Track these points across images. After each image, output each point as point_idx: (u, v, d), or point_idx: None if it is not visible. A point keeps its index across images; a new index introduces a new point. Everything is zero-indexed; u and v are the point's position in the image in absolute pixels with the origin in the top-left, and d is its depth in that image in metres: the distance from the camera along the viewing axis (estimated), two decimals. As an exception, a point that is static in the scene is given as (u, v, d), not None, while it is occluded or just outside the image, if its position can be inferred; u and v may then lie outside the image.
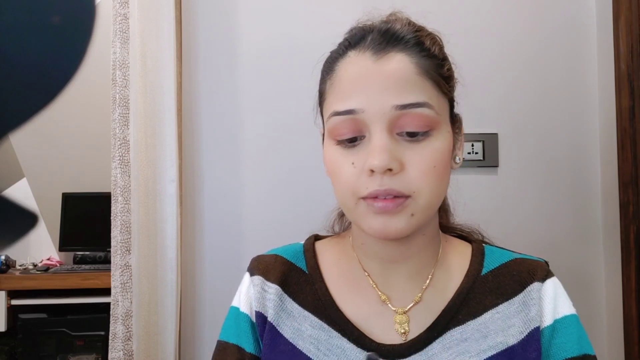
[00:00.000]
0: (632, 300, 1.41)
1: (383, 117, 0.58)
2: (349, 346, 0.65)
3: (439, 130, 0.61)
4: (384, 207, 0.59)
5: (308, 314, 0.69)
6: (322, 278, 0.71)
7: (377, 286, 0.68)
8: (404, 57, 0.60)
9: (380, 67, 0.60)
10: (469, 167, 1.51)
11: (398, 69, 0.59)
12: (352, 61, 0.62)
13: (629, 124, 1.43)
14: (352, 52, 0.63)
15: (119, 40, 1.42)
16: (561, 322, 0.66)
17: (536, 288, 0.67)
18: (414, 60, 0.60)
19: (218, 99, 1.52)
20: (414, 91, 0.59)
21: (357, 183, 0.60)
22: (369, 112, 0.59)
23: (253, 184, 1.51)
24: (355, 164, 0.60)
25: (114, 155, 1.42)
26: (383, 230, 0.60)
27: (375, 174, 0.58)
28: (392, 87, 0.59)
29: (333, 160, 0.63)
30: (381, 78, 0.59)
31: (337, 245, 0.75)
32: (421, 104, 0.59)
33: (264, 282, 0.72)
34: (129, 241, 1.40)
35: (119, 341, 1.39)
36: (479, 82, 1.51)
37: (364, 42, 0.62)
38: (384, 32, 0.62)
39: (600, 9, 1.53)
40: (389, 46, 0.61)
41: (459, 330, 0.65)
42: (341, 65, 0.63)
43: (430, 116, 0.59)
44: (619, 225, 1.46)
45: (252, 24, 1.53)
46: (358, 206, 0.61)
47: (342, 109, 0.60)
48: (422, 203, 0.60)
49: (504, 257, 0.71)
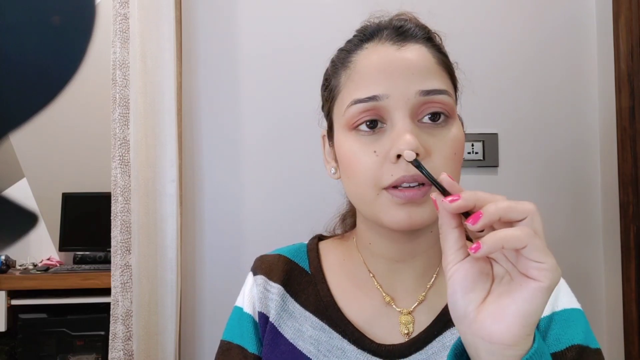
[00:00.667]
0: (632, 300, 1.41)
1: (407, 103, 0.58)
2: (349, 347, 0.65)
3: (454, 119, 0.62)
4: (411, 196, 0.57)
5: (309, 314, 0.68)
6: (325, 279, 0.71)
7: (382, 287, 0.68)
8: (422, 47, 0.62)
9: (401, 54, 0.60)
10: (469, 167, 1.51)
11: (419, 57, 0.61)
12: (372, 51, 0.62)
13: (629, 124, 1.43)
14: (369, 44, 0.63)
15: (119, 40, 1.42)
16: (560, 314, 0.65)
17: None
18: (431, 51, 0.62)
19: (218, 99, 1.52)
20: (435, 78, 0.60)
21: (380, 172, 0.58)
22: (393, 98, 0.58)
23: (253, 183, 1.51)
24: (377, 152, 0.59)
25: (114, 155, 1.42)
26: (408, 220, 0.58)
27: (400, 160, 0.57)
28: (416, 73, 0.59)
29: (351, 150, 0.61)
30: (404, 63, 0.60)
31: (341, 246, 0.74)
32: (443, 91, 0.60)
33: (266, 282, 0.71)
34: (129, 241, 1.40)
35: (119, 341, 1.39)
36: (479, 82, 1.51)
37: (381, 35, 0.63)
38: (398, 27, 0.64)
39: (600, 9, 1.53)
40: (405, 38, 0.62)
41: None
42: (359, 57, 0.63)
43: (450, 104, 0.60)
44: (619, 225, 1.46)
45: (252, 23, 1.53)
46: (379, 197, 0.59)
47: (364, 96, 0.59)
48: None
49: None
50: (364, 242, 0.70)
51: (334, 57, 0.68)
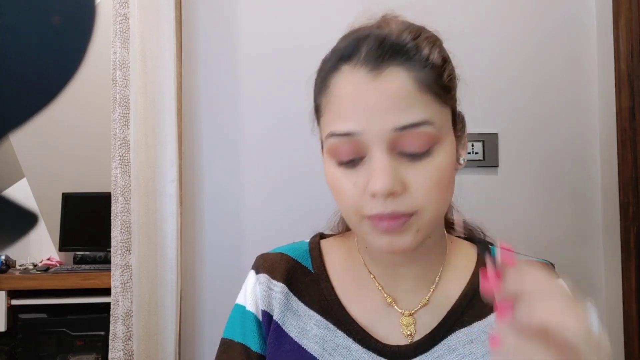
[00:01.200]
0: (632, 300, 1.41)
1: (383, 138, 0.56)
2: (354, 346, 0.65)
3: (441, 144, 0.58)
4: (389, 226, 0.57)
5: (313, 313, 0.68)
6: (328, 278, 0.70)
7: (383, 288, 0.68)
8: (401, 71, 0.57)
9: (377, 85, 0.56)
10: (469, 167, 1.51)
11: (397, 87, 0.56)
12: (347, 78, 0.59)
13: (629, 124, 1.43)
14: (345, 66, 0.59)
15: (119, 40, 1.42)
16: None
17: None
18: (412, 75, 0.57)
19: (218, 99, 1.52)
20: (414, 110, 0.56)
21: (360, 202, 0.58)
22: (368, 134, 0.56)
23: (253, 183, 1.51)
24: (356, 183, 0.58)
25: (114, 155, 1.42)
26: (389, 247, 0.59)
27: (377, 197, 0.56)
28: (391, 107, 0.56)
29: (334, 179, 0.61)
30: (379, 97, 0.56)
31: (343, 245, 0.74)
32: (422, 123, 0.56)
33: (269, 280, 0.71)
34: (129, 241, 1.40)
35: (119, 341, 1.39)
36: (479, 82, 1.51)
37: (359, 56, 0.58)
38: (380, 42, 0.58)
39: (600, 9, 1.53)
40: (385, 60, 0.57)
41: (465, 331, 0.65)
42: (336, 81, 0.60)
43: (431, 134, 0.57)
44: (619, 226, 1.46)
45: (252, 23, 1.53)
46: (362, 224, 0.60)
47: (339, 131, 0.58)
48: (427, 218, 0.58)
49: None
50: (362, 244, 0.70)
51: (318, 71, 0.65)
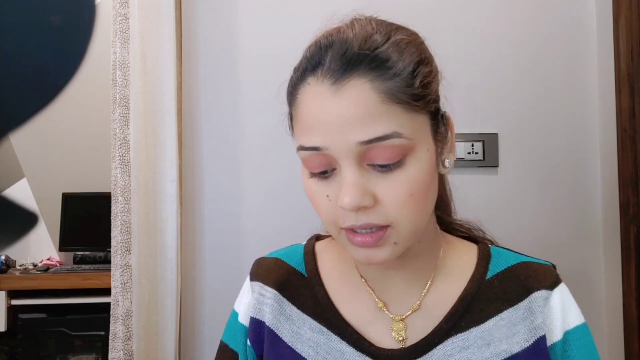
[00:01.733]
0: (632, 300, 1.41)
1: (349, 153, 0.54)
2: (348, 349, 0.65)
3: (413, 154, 0.56)
4: (363, 242, 0.56)
5: (307, 317, 0.68)
6: (322, 281, 0.70)
7: (374, 292, 0.67)
8: (365, 84, 0.54)
9: (340, 99, 0.54)
10: (469, 167, 1.51)
11: (359, 101, 0.54)
12: (311, 91, 0.57)
13: (629, 124, 1.43)
14: (311, 78, 0.58)
15: (119, 40, 1.42)
16: (572, 334, 0.65)
17: (542, 296, 0.65)
18: (376, 86, 0.54)
19: (218, 99, 1.52)
20: (379, 123, 0.54)
21: (335, 214, 0.57)
22: (334, 149, 0.55)
23: (253, 183, 1.51)
24: (329, 196, 0.57)
25: (114, 155, 1.42)
26: (367, 260, 0.58)
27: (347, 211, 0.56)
28: (354, 122, 0.54)
29: (309, 190, 0.60)
30: (342, 113, 0.54)
31: (336, 247, 0.74)
32: (388, 136, 0.54)
33: (262, 288, 0.72)
34: (129, 241, 1.40)
35: (119, 341, 1.39)
36: (479, 82, 1.51)
37: (322, 67, 0.57)
38: (341, 55, 0.56)
39: (600, 9, 1.53)
40: (347, 71, 0.55)
41: (461, 337, 0.64)
42: (301, 94, 0.59)
43: (401, 145, 0.54)
44: (619, 225, 1.46)
45: (252, 23, 1.53)
46: (340, 235, 0.59)
47: (307, 145, 0.57)
48: (403, 231, 0.57)
49: (510, 260, 0.68)
50: None
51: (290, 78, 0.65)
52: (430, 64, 0.60)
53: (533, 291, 0.65)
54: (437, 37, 0.68)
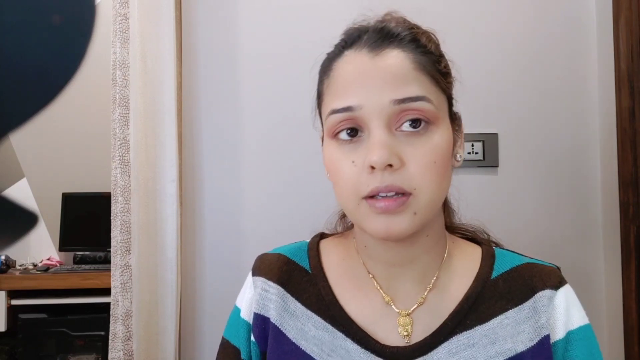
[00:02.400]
0: (632, 300, 1.41)
1: (382, 112, 0.58)
2: (353, 347, 0.65)
3: (437, 125, 0.60)
4: (386, 206, 0.58)
5: (311, 313, 0.68)
6: (326, 278, 0.70)
7: (382, 288, 0.68)
8: (400, 52, 0.60)
9: (377, 62, 0.60)
10: (469, 167, 1.51)
11: (395, 64, 0.59)
12: (349, 60, 0.62)
13: (629, 124, 1.43)
14: (348, 51, 0.63)
15: (119, 40, 1.42)
16: (575, 334, 0.65)
17: (547, 295, 0.65)
18: (410, 56, 0.60)
19: (218, 99, 1.52)
20: (411, 85, 0.59)
21: (358, 181, 0.59)
22: (367, 108, 0.58)
23: (253, 183, 1.51)
24: (355, 162, 0.59)
25: (114, 155, 1.42)
26: (386, 230, 0.59)
27: (375, 170, 0.58)
28: (389, 82, 0.58)
29: (333, 159, 0.62)
30: (378, 73, 0.59)
31: (341, 245, 0.74)
32: (420, 98, 0.58)
33: (265, 283, 0.71)
34: (129, 241, 1.40)
35: (119, 341, 1.39)
36: (479, 82, 1.51)
37: (360, 41, 0.62)
38: (379, 30, 0.62)
39: (600, 9, 1.53)
40: (384, 43, 0.61)
41: (466, 335, 0.64)
42: (338, 65, 0.63)
43: (429, 109, 0.59)
44: (619, 225, 1.46)
45: (252, 23, 1.53)
46: (360, 207, 0.60)
47: (339, 107, 0.60)
48: (424, 200, 0.59)
49: (514, 261, 0.69)
50: (361, 244, 0.70)
51: (322, 62, 0.68)
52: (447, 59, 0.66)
53: (538, 291, 0.66)
54: (437, 37, 0.68)
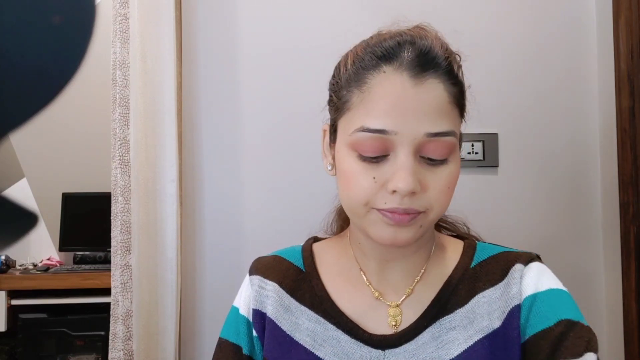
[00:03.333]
0: (632, 300, 1.41)
1: (413, 141, 0.60)
2: (343, 337, 0.69)
3: (455, 153, 0.63)
4: (400, 220, 0.61)
5: (305, 309, 0.72)
6: (319, 275, 0.74)
7: (372, 284, 0.71)
8: (439, 84, 0.61)
9: (417, 91, 0.60)
10: (469, 167, 1.51)
11: (434, 97, 0.61)
12: (389, 79, 0.61)
13: (629, 124, 1.43)
14: (387, 67, 0.61)
15: (119, 40, 1.42)
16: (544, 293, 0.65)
17: (518, 269, 0.68)
18: (447, 88, 0.62)
19: (218, 99, 1.52)
20: (444, 120, 0.61)
21: (376, 196, 0.61)
22: (401, 136, 0.60)
23: (253, 183, 1.51)
24: (376, 178, 0.61)
25: (114, 155, 1.42)
26: (392, 239, 0.62)
27: (397, 193, 0.60)
28: (428, 114, 0.60)
29: (352, 171, 0.63)
30: (418, 104, 0.60)
31: (335, 245, 0.78)
32: (449, 133, 0.61)
33: (262, 281, 0.76)
34: (129, 241, 1.40)
35: (119, 341, 1.39)
36: (479, 82, 1.50)
37: (401, 60, 0.61)
38: (423, 52, 0.61)
39: (600, 9, 1.53)
40: (426, 70, 0.61)
41: (448, 319, 0.67)
42: (376, 80, 0.62)
43: (453, 144, 0.62)
44: (619, 225, 1.46)
45: (252, 23, 1.53)
46: (370, 214, 0.63)
47: (374, 127, 0.60)
48: (431, 217, 0.63)
49: (494, 250, 0.72)
50: (355, 240, 0.74)
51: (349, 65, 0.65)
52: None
53: (510, 268, 0.68)
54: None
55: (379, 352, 0.67)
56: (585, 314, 0.67)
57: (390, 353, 0.67)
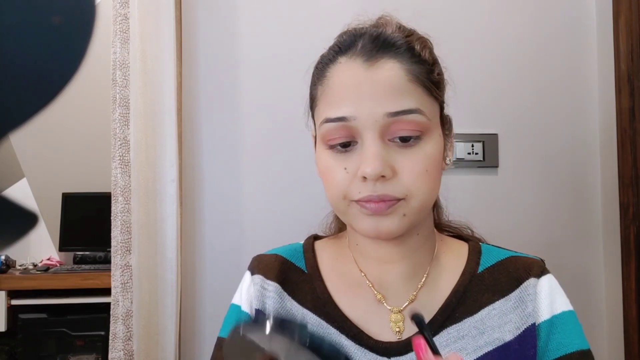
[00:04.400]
0: (632, 300, 1.41)
1: (375, 124, 0.59)
2: (347, 343, 0.67)
3: (430, 134, 0.61)
4: (376, 208, 0.60)
5: (307, 311, 0.70)
6: (321, 277, 0.72)
7: (373, 286, 0.70)
8: (395, 63, 0.61)
9: (371, 74, 0.60)
10: (469, 167, 1.51)
11: (389, 76, 0.60)
12: (343, 68, 0.62)
13: (629, 124, 1.43)
14: (342, 58, 0.63)
15: (119, 40, 1.42)
16: (559, 318, 0.66)
17: (532, 284, 0.67)
18: (404, 67, 0.61)
19: (218, 99, 1.52)
20: (405, 98, 0.59)
21: (350, 188, 0.61)
22: (361, 119, 0.59)
23: (253, 183, 1.51)
24: (347, 169, 0.61)
25: (114, 155, 1.42)
26: (375, 230, 0.61)
27: (368, 180, 0.59)
28: (383, 94, 0.59)
29: (325, 165, 0.63)
30: (373, 85, 0.59)
31: (335, 245, 0.76)
32: (413, 111, 0.59)
33: (263, 281, 0.73)
34: (129, 241, 1.40)
35: (119, 341, 1.39)
36: (479, 82, 1.51)
37: (355, 48, 0.62)
38: (375, 37, 0.62)
39: (600, 9, 1.53)
40: (379, 52, 0.61)
41: (456, 327, 0.66)
42: (332, 72, 0.63)
43: (421, 122, 0.60)
44: (619, 226, 1.46)
45: (252, 24, 1.53)
46: (350, 208, 0.62)
47: (333, 116, 0.61)
48: (414, 205, 0.61)
49: (500, 255, 0.71)
50: (353, 242, 0.72)
51: (315, 65, 0.69)
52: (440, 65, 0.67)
53: (523, 282, 0.68)
54: (437, 38, 0.69)
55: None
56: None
57: None
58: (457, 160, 1.49)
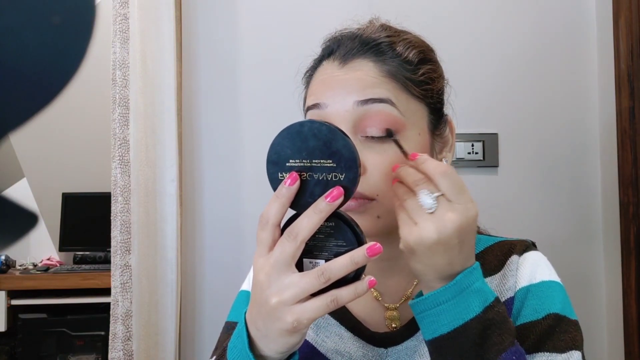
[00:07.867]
0: (632, 300, 1.41)
1: (346, 114, 0.60)
2: (346, 334, 0.69)
3: (404, 132, 0.61)
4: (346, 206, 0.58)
5: None
6: None
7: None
8: (368, 62, 0.62)
9: (345, 72, 0.63)
10: (469, 167, 1.51)
11: (362, 73, 0.62)
12: (323, 68, 0.66)
13: (629, 124, 1.43)
14: (325, 61, 0.67)
15: (119, 40, 1.42)
16: (537, 285, 0.65)
17: (514, 260, 0.67)
18: (378, 65, 0.62)
19: (218, 99, 1.52)
20: (375, 89, 0.61)
21: None
22: (334, 107, 0.61)
23: (253, 183, 1.51)
24: None
25: (114, 155, 1.42)
26: None
27: None
28: (354, 85, 0.61)
29: None
30: (346, 80, 0.62)
31: None
32: (383, 100, 0.60)
33: None
34: (129, 241, 1.40)
35: (119, 341, 1.39)
36: (480, 82, 1.51)
37: (334, 53, 0.65)
38: (353, 38, 0.65)
39: (600, 9, 1.53)
40: (357, 53, 0.63)
41: None
42: (315, 74, 0.67)
43: (392, 114, 0.60)
44: (619, 225, 1.46)
45: (252, 24, 1.53)
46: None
47: (309, 104, 0.64)
48: (387, 206, 0.60)
49: (489, 242, 0.72)
50: None
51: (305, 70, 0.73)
52: (436, 66, 0.67)
53: (507, 260, 0.68)
54: (437, 38, 0.69)
55: (382, 350, 0.67)
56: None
57: (393, 350, 0.67)
58: (457, 160, 1.49)
